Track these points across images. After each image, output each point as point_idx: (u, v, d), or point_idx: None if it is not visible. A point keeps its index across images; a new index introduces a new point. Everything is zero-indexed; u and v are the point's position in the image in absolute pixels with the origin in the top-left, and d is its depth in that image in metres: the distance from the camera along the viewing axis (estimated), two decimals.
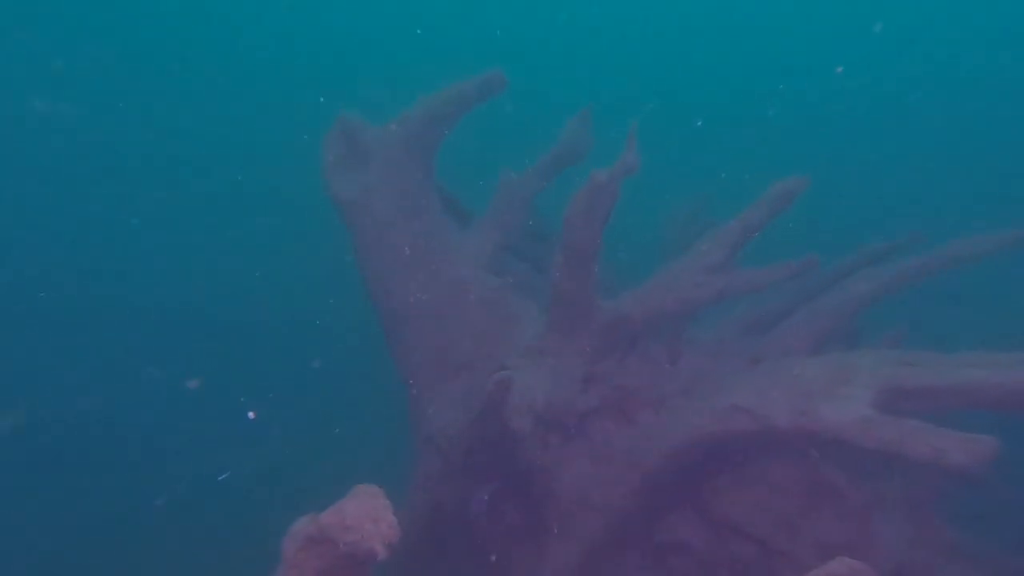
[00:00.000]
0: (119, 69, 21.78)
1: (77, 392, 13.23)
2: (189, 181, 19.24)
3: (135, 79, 21.70)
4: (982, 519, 5.37)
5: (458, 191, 8.62)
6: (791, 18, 27.27)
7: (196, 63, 23.20)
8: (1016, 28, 24.34)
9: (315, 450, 10.73)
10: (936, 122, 21.05)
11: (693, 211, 8.89)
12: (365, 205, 6.35)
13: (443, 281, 6.46)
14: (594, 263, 5.58)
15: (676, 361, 6.13)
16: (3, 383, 13.38)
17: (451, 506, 5.88)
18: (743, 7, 27.45)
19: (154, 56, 22.59)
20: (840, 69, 24.53)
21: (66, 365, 14.29)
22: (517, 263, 7.98)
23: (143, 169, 19.69)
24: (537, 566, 5.41)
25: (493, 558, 5.65)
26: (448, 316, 6.42)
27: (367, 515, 2.68)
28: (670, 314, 5.81)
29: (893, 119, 22.30)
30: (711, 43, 27.33)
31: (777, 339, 5.85)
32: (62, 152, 19.62)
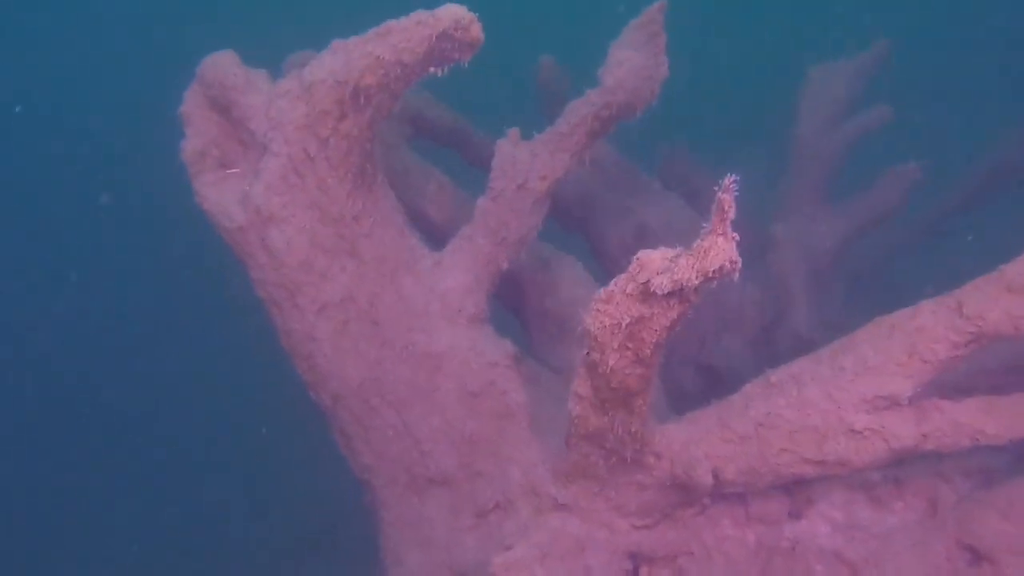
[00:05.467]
0: None
1: None
2: None
3: None
4: None
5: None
6: None
7: None
8: None
9: None
10: None
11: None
12: (260, 237, 3.69)
13: (400, 355, 3.89)
14: (646, 397, 2.88)
15: (800, 517, 3.51)
16: None
17: None
18: None
19: None
20: None
21: None
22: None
23: None
24: None
25: None
26: (410, 409, 3.93)
27: None
28: (795, 480, 3.12)
29: None
30: None
31: (1008, 506, 3.07)
32: None
